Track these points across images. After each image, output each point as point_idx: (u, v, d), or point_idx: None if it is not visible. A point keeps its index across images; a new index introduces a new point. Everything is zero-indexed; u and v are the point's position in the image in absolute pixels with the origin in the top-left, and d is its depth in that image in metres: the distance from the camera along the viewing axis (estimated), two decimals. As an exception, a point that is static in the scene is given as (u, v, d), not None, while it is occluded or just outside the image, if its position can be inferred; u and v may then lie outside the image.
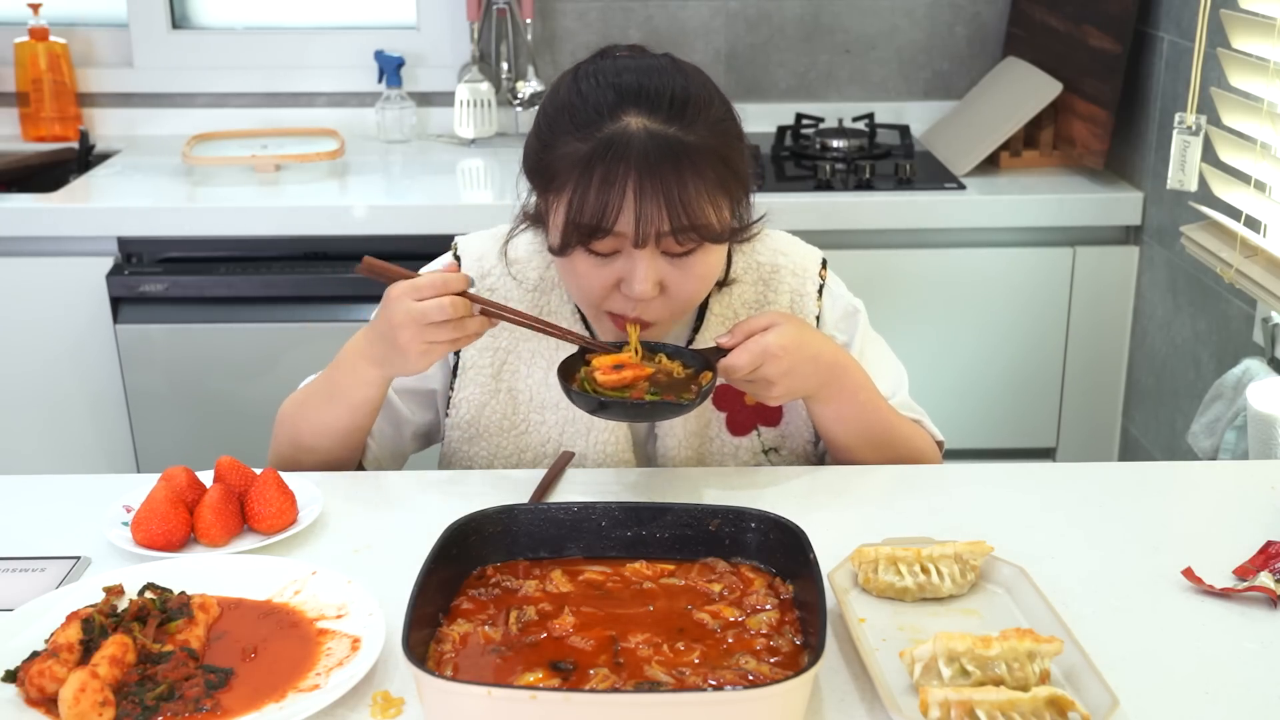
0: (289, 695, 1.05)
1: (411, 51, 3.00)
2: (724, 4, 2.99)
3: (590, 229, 1.35)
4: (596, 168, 1.33)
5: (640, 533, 1.23)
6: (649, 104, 1.35)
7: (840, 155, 2.75)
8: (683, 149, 1.34)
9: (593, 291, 1.41)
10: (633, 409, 1.37)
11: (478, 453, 1.56)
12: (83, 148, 2.87)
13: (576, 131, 1.36)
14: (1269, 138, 1.98)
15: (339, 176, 2.70)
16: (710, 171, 1.35)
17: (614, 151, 1.33)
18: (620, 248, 1.37)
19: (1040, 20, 2.83)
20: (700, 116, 1.37)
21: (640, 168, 1.32)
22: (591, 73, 1.40)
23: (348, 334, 1.49)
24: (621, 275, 1.38)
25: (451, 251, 1.59)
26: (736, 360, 1.38)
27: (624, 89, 1.37)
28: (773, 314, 1.44)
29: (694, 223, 1.35)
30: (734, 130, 1.42)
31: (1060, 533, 1.34)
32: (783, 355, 1.39)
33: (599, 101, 1.36)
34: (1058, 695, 0.99)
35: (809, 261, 1.58)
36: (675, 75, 1.39)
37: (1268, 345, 2.06)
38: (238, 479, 1.36)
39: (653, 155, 1.33)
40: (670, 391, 1.37)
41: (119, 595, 1.18)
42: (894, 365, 1.61)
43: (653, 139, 1.33)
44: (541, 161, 1.41)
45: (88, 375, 2.53)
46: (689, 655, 1.07)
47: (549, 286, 1.55)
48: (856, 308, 1.58)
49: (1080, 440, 2.68)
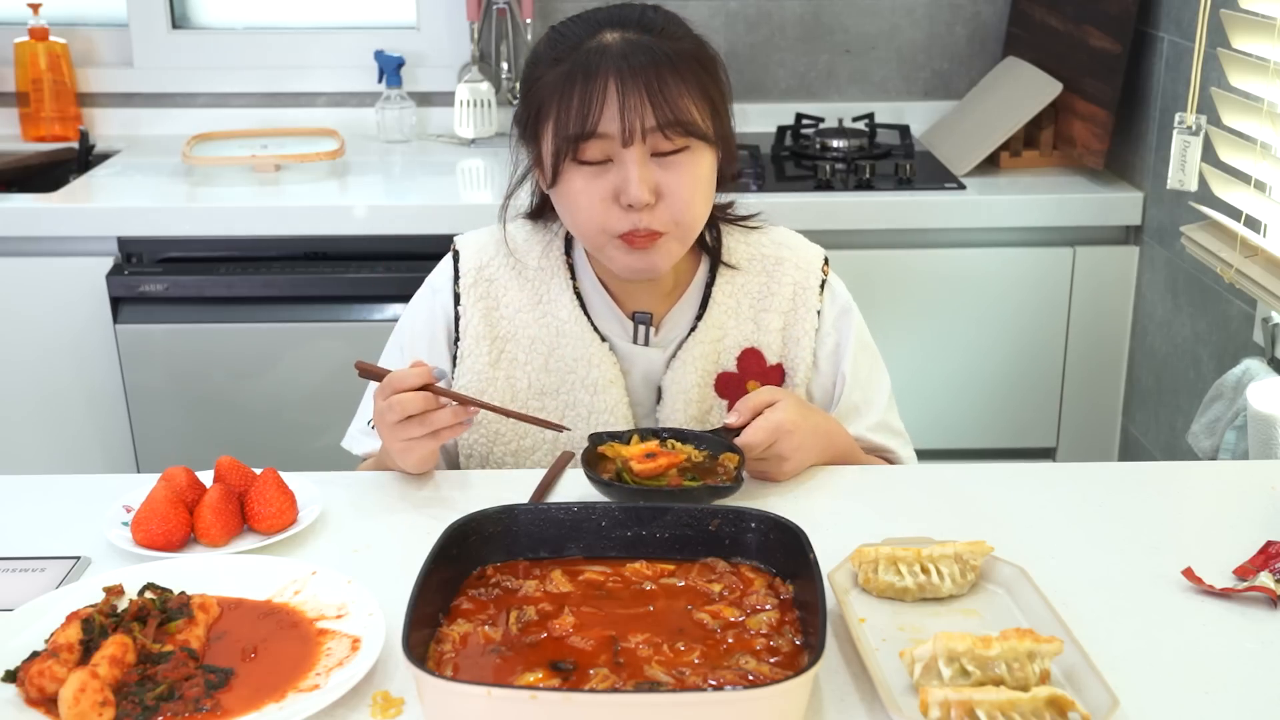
0: (289, 695, 1.05)
1: (411, 51, 3.00)
2: (724, 4, 2.99)
3: (577, 135, 1.39)
4: (577, 77, 1.39)
5: (640, 533, 1.23)
6: (623, 23, 1.43)
7: (840, 155, 2.75)
8: (660, 50, 1.40)
9: (592, 210, 1.42)
10: (679, 496, 1.34)
11: (477, 440, 1.56)
12: (83, 148, 2.86)
13: (555, 56, 1.42)
14: (1269, 138, 1.98)
15: (339, 176, 2.70)
16: (689, 72, 1.41)
17: (592, 59, 1.39)
18: (610, 154, 1.41)
19: (1040, 20, 2.83)
20: (672, 30, 1.44)
21: (620, 68, 1.38)
22: (569, 19, 1.48)
23: (347, 334, 1.50)
24: (616, 186, 1.41)
25: (451, 249, 1.59)
26: (753, 438, 1.40)
27: (598, 18, 1.45)
28: (772, 390, 1.47)
29: (679, 117, 1.39)
30: (707, 48, 1.47)
31: (1060, 533, 1.34)
32: (794, 431, 1.42)
33: (575, 31, 1.44)
34: (1058, 695, 0.99)
35: (812, 256, 1.60)
36: (648, 6, 1.47)
37: (1268, 345, 2.06)
38: (238, 479, 1.36)
39: (631, 56, 1.39)
40: (704, 476, 1.37)
41: (119, 595, 1.18)
42: (880, 379, 1.62)
43: (629, 44, 1.40)
44: (527, 101, 1.46)
45: (88, 375, 2.53)
46: (689, 655, 1.07)
47: (548, 275, 1.55)
48: (852, 308, 1.60)
49: (1080, 440, 2.68)
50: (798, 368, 1.57)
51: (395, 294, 2.42)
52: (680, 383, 1.54)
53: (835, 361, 1.58)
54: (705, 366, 1.55)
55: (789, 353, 1.57)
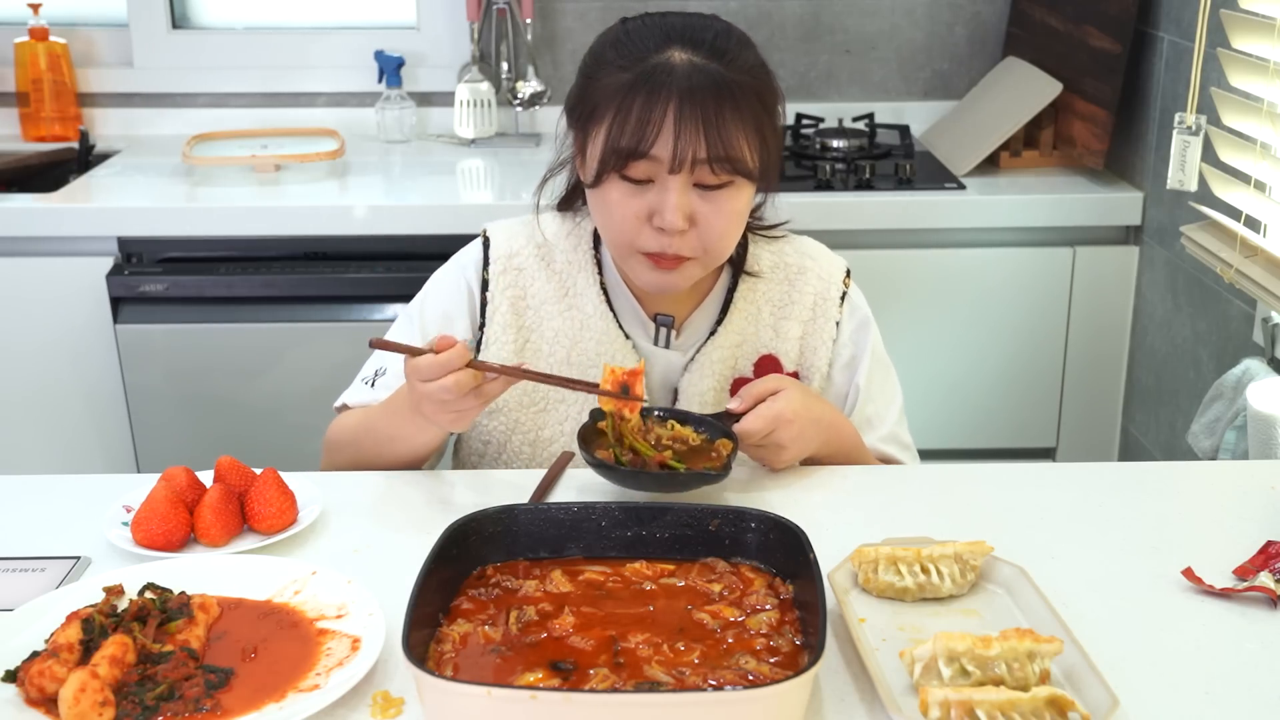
0: (289, 695, 1.05)
1: (411, 51, 3.00)
2: (724, 4, 2.99)
3: (628, 152, 1.38)
4: (639, 93, 1.38)
5: (640, 533, 1.23)
6: (693, 42, 1.41)
7: (840, 155, 2.75)
8: (724, 81, 1.38)
9: (625, 223, 1.42)
10: (665, 480, 1.35)
11: (496, 427, 1.56)
12: (83, 148, 2.86)
13: (621, 63, 1.41)
14: (1269, 138, 1.98)
15: (339, 176, 2.70)
16: (747, 109, 1.40)
17: (657, 78, 1.38)
18: (654, 175, 1.40)
19: (1040, 20, 2.83)
20: (741, 58, 1.42)
21: (682, 94, 1.37)
22: (640, 18, 1.46)
23: (347, 334, 1.50)
24: (653, 207, 1.41)
25: (481, 237, 1.60)
26: (752, 425, 1.41)
27: (670, 28, 1.42)
28: (777, 379, 1.47)
29: (729, 153, 1.38)
30: (771, 81, 1.46)
31: (1060, 533, 1.34)
32: (794, 420, 1.42)
33: (645, 38, 1.42)
34: (1058, 695, 0.99)
35: (834, 268, 1.61)
36: (720, 24, 1.45)
37: (1268, 345, 2.06)
38: (238, 479, 1.36)
39: (695, 83, 1.37)
40: (692, 460, 1.38)
41: (119, 595, 1.18)
42: (892, 392, 1.62)
43: (695, 70, 1.38)
44: (584, 95, 1.45)
45: (88, 375, 2.53)
46: (689, 655, 1.07)
47: (576, 269, 1.56)
48: (870, 321, 1.61)
49: (1080, 440, 2.68)
50: (813, 377, 1.58)
51: (395, 294, 2.42)
52: (697, 386, 1.54)
53: (850, 374, 1.59)
54: (723, 371, 1.55)
55: (805, 361, 1.58)
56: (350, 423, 1.55)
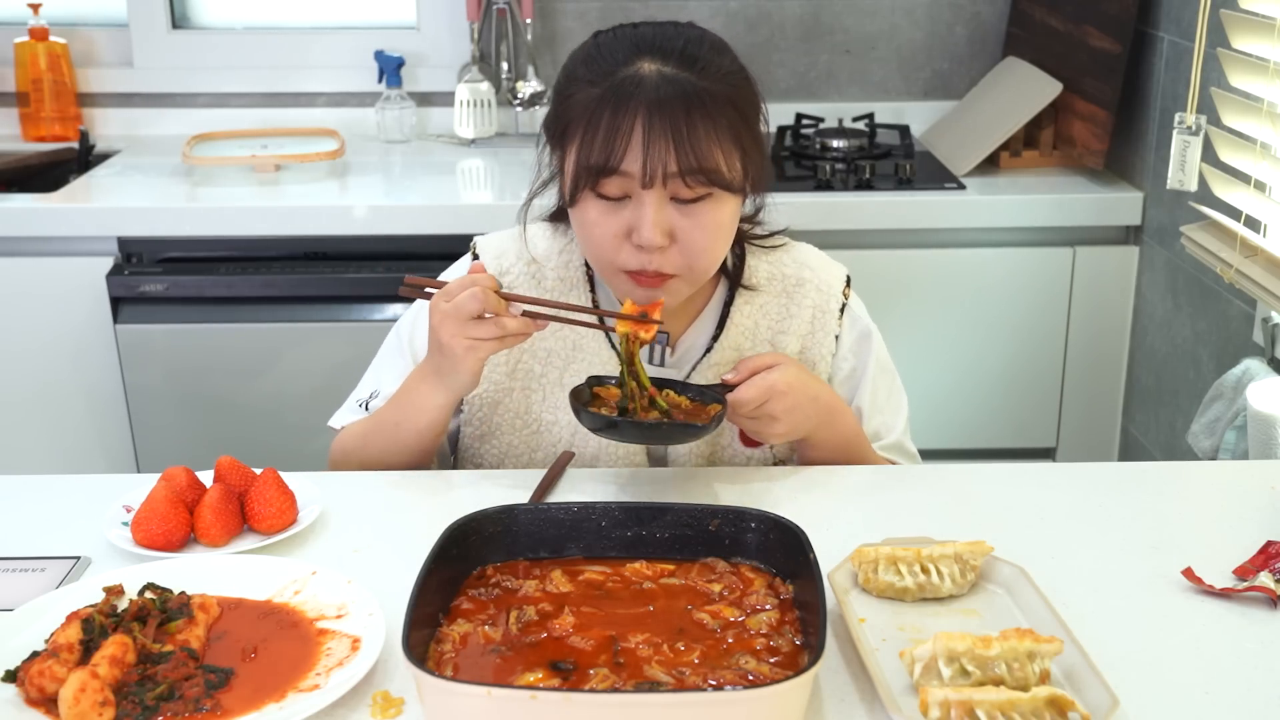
0: (289, 695, 1.05)
1: (411, 51, 3.00)
2: (724, 4, 2.99)
3: (599, 168, 1.35)
4: (607, 107, 1.34)
5: (640, 533, 1.23)
6: (662, 51, 1.37)
7: (840, 155, 2.75)
8: (694, 91, 1.34)
9: (605, 242, 1.39)
10: (647, 430, 1.37)
11: (489, 450, 1.56)
12: (83, 148, 2.87)
13: (591, 78, 1.37)
14: (1269, 138, 1.98)
15: (339, 176, 2.70)
16: (721, 118, 1.35)
17: (624, 91, 1.34)
18: (629, 191, 1.37)
19: (1040, 20, 2.83)
20: (714, 66, 1.38)
21: (650, 106, 1.33)
22: (611, 31, 1.43)
23: (347, 334, 1.50)
24: (630, 224, 1.38)
25: (470, 250, 1.59)
26: (745, 394, 1.40)
27: (640, 40, 1.39)
28: (775, 354, 1.46)
29: (702, 165, 1.34)
30: (748, 87, 1.42)
31: (1060, 533, 1.34)
32: (788, 392, 1.42)
33: (614, 51, 1.38)
34: (1058, 695, 0.99)
35: (833, 278, 1.58)
36: (692, 31, 1.41)
37: (1268, 345, 2.06)
38: (238, 479, 1.36)
39: (663, 94, 1.33)
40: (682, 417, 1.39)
41: (119, 595, 1.18)
42: (899, 402, 1.61)
43: (665, 80, 1.34)
44: (558, 113, 1.42)
45: (88, 375, 2.53)
46: (689, 655, 1.07)
47: (567, 286, 1.54)
48: (872, 331, 1.58)
49: (1080, 440, 2.68)
50: None
51: (395, 294, 2.41)
52: None
53: (851, 387, 1.57)
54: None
55: None
56: (355, 430, 1.55)
